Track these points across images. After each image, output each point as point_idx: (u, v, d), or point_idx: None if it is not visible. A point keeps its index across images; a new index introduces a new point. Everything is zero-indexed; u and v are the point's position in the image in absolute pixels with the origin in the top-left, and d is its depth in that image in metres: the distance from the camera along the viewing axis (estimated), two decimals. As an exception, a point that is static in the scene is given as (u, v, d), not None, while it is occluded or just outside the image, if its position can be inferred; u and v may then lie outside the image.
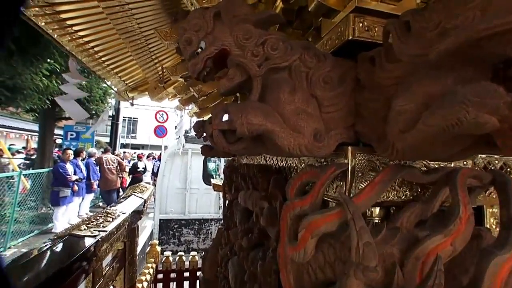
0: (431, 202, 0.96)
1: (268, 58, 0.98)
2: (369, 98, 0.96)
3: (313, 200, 1.00)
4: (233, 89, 1.02)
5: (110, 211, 2.27)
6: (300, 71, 0.99)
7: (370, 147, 0.98)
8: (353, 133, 1.03)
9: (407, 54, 0.76)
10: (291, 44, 0.99)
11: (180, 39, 0.99)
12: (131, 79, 3.94)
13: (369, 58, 0.99)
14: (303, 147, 0.95)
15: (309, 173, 1.11)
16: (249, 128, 0.89)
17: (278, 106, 0.94)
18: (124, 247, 2.81)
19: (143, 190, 3.30)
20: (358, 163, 0.99)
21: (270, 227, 1.49)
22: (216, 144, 0.99)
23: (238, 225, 2.28)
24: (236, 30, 0.97)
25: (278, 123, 0.93)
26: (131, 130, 29.16)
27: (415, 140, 0.76)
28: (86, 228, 1.76)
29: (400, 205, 1.01)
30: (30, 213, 9.68)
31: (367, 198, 0.87)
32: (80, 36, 2.51)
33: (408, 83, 0.77)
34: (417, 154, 0.80)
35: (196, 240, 9.43)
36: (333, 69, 1.01)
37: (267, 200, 1.61)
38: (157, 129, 14.93)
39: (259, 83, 0.97)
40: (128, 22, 2.41)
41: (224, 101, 2.77)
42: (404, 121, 0.77)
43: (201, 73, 1.01)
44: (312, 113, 0.97)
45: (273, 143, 0.97)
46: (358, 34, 1.02)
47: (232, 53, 0.98)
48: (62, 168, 9.40)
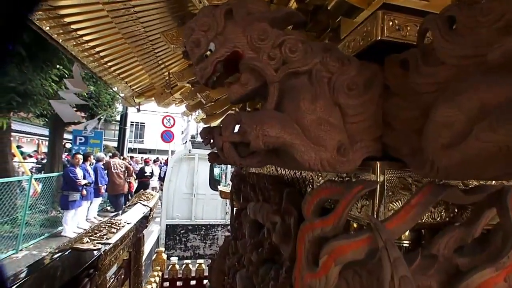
0: (473, 226, 0.83)
1: (286, 61, 0.87)
2: (401, 107, 0.84)
3: (336, 221, 0.88)
4: (246, 96, 0.91)
5: (114, 221, 2.19)
6: (322, 76, 0.88)
7: (401, 162, 0.86)
8: (380, 146, 0.91)
9: (455, 55, 0.64)
10: (311, 46, 0.88)
11: (187, 40, 0.89)
12: (137, 85, 3.88)
13: (399, 61, 0.87)
14: (325, 162, 0.83)
15: (329, 189, 0.99)
16: (265, 141, 0.78)
17: (297, 115, 0.83)
18: (129, 257, 2.72)
19: (149, 198, 3.21)
20: (387, 180, 0.87)
21: (284, 244, 1.37)
22: (226, 158, 0.88)
23: (247, 237, 2.16)
24: (250, 30, 0.86)
25: (298, 135, 0.82)
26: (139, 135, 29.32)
27: (463, 157, 0.64)
28: (89, 241, 1.67)
29: (434, 227, 0.89)
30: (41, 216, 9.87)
31: (401, 223, 0.75)
32: (85, 40, 2.44)
33: (454, 89, 0.65)
34: (464, 174, 0.67)
35: (202, 245, 9.33)
36: (358, 73, 0.90)
37: (279, 214, 1.50)
38: (164, 134, 14.95)
39: (276, 90, 0.86)
40: (134, 26, 2.34)
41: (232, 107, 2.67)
42: (449, 134, 0.65)
43: (210, 78, 0.90)
44: (335, 124, 0.86)
45: (291, 157, 0.85)
46: (388, 34, 0.90)
47: (245, 56, 0.87)
48: (72, 173, 9.47)
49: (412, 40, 0.91)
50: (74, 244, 1.57)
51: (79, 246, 1.56)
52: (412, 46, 0.89)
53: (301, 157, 0.82)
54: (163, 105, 4.02)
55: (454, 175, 0.68)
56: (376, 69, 0.94)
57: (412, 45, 0.90)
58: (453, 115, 0.64)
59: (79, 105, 12.30)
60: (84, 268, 1.42)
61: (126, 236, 2.17)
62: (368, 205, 0.90)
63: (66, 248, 1.53)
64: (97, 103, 12.73)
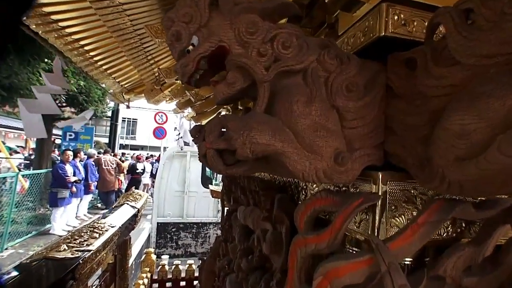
0: (483, 244, 0.75)
1: (278, 58, 0.77)
2: (406, 111, 0.76)
3: (332, 237, 0.79)
4: (233, 97, 0.81)
5: (97, 225, 2.07)
6: (318, 75, 0.78)
7: (405, 172, 0.78)
8: (382, 154, 0.82)
9: (474, 54, 0.55)
10: (307, 42, 0.79)
11: (167, 33, 0.78)
12: (126, 81, 3.73)
13: (405, 60, 0.78)
14: (320, 172, 0.74)
15: (324, 200, 0.91)
16: (253, 149, 0.69)
17: (290, 120, 0.73)
18: (114, 261, 2.61)
19: (137, 199, 3.09)
20: (390, 193, 0.78)
21: (275, 255, 1.28)
22: (210, 167, 0.78)
23: (237, 242, 2.07)
24: (237, 22, 0.76)
25: (290, 142, 0.72)
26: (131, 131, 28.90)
27: (481, 172, 0.55)
28: (67, 248, 1.55)
29: (440, 244, 0.80)
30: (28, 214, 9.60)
31: (407, 245, 0.66)
32: (68, 33, 2.30)
33: (472, 93, 0.56)
34: (481, 191, 0.59)
35: (194, 244, 9.26)
36: (358, 73, 0.81)
37: (270, 221, 1.41)
38: (156, 131, 14.74)
39: (267, 91, 0.76)
40: (120, 19, 2.20)
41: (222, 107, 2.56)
42: (465, 145, 0.56)
43: (193, 76, 0.80)
44: (332, 129, 0.76)
45: (283, 166, 0.76)
46: (392, 30, 0.80)
47: (232, 52, 0.77)
48: (62, 169, 9.26)
49: (418, 36, 0.82)
50: (49, 252, 1.45)
51: (54, 255, 1.44)
52: (419, 44, 0.80)
53: (294, 166, 0.73)
54: (154, 102, 3.88)
55: (469, 192, 0.60)
56: (378, 69, 0.84)
57: (418, 43, 0.81)
58: (472, 122, 0.55)
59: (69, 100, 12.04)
60: (59, 279, 1.31)
61: (110, 241, 2.05)
62: (367, 220, 0.81)
63: (39, 257, 1.41)
64: (87, 98, 12.43)
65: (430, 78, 0.67)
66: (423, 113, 0.70)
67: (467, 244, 0.76)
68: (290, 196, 1.41)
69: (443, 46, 0.66)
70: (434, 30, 0.71)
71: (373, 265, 0.67)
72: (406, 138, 0.75)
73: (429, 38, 0.73)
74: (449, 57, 0.63)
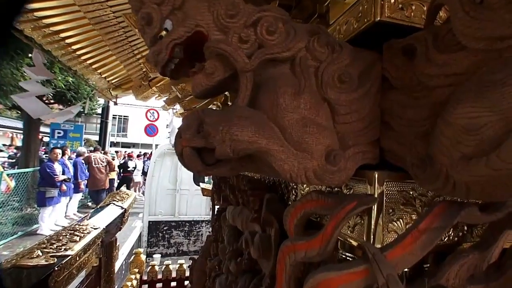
0: (488, 250, 0.69)
1: (262, 45, 0.68)
2: (404, 104, 0.68)
3: (324, 244, 0.71)
4: (213, 89, 0.73)
5: (79, 227, 1.96)
6: (307, 65, 0.70)
7: (402, 171, 0.70)
8: (378, 151, 0.75)
9: (484, 36, 0.48)
10: (294, 27, 0.70)
11: (137, 16, 0.70)
12: (113, 76, 3.61)
13: (402, 47, 0.71)
14: (310, 172, 0.66)
15: (315, 202, 0.83)
16: (233, 146, 0.61)
17: (276, 114, 0.65)
18: (99, 264, 2.51)
19: (124, 198, 2.98)
20: (387, 195, 0.71)
21: (264, 260, 1.21)
22: (187, 167, 0.70)
23: (226, 243, 2.00)
24: (216, 3, 0.67)
25: (276, 139, 0.64)
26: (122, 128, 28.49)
27: (492, 173, 0.48)
28: (41, 254, 1.45)
29: (442, 250, 0.74)
30: (14, 214, 9.33)
31: (407, 254, 0.59)
32: (46, 24, 2.18)
33: (481, 81, 0.49)
34: (491, 194, 0.52)
35: (186, 242, 9.15)
36: (352, 63, 0.73)
37: (259, 223, 1.33)
38: (147, 128, 14.54)
39: (249, 82, 0.68)
40: (101, 10, 2.09)
41: (213, 101, 2.47)
42: (473, 141, 0.49)
43: (167, 66, 0.71)
44: (323, 124, 0.69)
45: (269, 166, 0.68)
46: (388, 14, 0.73)
47: (210, 38, 0.69)
48: (50, 168, 9.03)
49: (417, 22, 0.75)
50: (19, 260, 1.34)
51: (26, 263, 1.33)
52: (417, 30, 0.73)
53: (281, 166, 0.65)
54: (142, 98, 3.76)
55: (477, 195, 0.53)
56: (373, 58, 0.77)
57: (417, 29, 0.74)
58: (482, 115, 0.48)
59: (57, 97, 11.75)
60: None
61: (92, 243, 1.95)
62: (362, 224, 0.73)
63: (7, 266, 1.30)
64: (76, 95, 12.14)
65: (431, 67, 0.59)
66: (423, 106, 0.63)
67: (470, 250, 0.69)
68: (279, 196, 1.33)
69: (446, 31, 0.59)
70: (435, 13, 0.63)
71: (369, 277, 0.60)
72: (404, 134, 0.67)
73: (430, 23, 0.66)
74: (453, 42, 0.56)
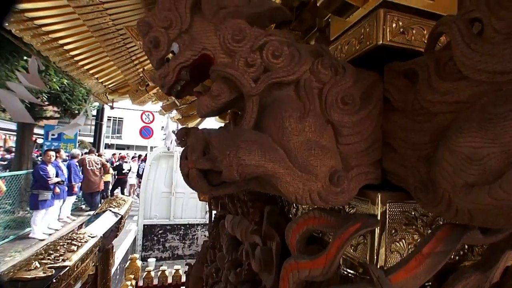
0: (490, 270, 0.70)
1: (268, 69, 0.70)
2: (406, 127, 0.70)
3: (328, 264, 0.72)
4: (218, 110, 0.74)
5: (76, 236, 1.95)
6: (312, 87, 0.71)
7: (404, 192, 0.72)
8: (380, 171, 0.76)
9: (485, 69, 0.49)
10: (299, 50, 0.72)
11: (144, 40, 0.70)
12: (110, 81, 3.60)
13: (403, 71, 0.72)
14: (315, 194, 0.68)
15: (318, 219, 0.84)
16: (240, 171, 0.61)
17: (281, 138, 0.66)
18: (95, 272, 2.48)
19: (121, 204, 2.96)
20: (389, 216, 0.72)
21: (265, 273, 1.21)
22: (193, 188, 0.70)
23: (225, 252, 2.00)
24: (223, 28, 0.68)
25: (282, 162, 0.65)
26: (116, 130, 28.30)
27: (495, 202, 0.49)
28: (39, 266, 1.43)
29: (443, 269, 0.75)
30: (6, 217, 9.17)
31: (411, 277, 0.60)
32: (45, 32, 2.17)
33: (484, 113, 0.51)
34: (493, 221, 0.53)
35: (181, 246, 9.08)
36: (354, 84, 0.74)
37: (259, 235, 1.34)
38: (142, 130, 14.46)
39: (255, 105, 0.69)
40: (101, 18, 2.09)
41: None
42: (478, 170, 0.51)
43: (173, 87, 0.72)
44: (327, 146, 0.70)
45: (273, 186, 0.69)
46: (390, 38, 0.74)
47: (217, 61, 0.70)
48: (43, 170, 8.90)
49: (418, 46, 0.76)
50: (17, 272, 1.32)
51: (23, 275, 1.31)
52: (417, 53, 0.74)
53: (286, 189, 0.66)
54: (138, 103, 3.76)
55: (480, 221, 0.54)
56: (375, 79, 0.79)
57: (417, 52, 0.75)
58: (484, 146, 0.49)
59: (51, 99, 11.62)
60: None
61: (90, 252, 1.94)
62: (365, 243, 0.75)
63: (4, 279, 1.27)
64: (71, 97, 12.04)
65: (433, 94, 0.61)
66: (425, 130, 0.65)
67: (473, 271, 0.71)
68: (280, 208, 1.34)
69: (447, 58, 0.60)
70: (436, 40, 0.65)
71: (373, 300, 0.61)
72: (407, 157, 0.69)
73: (430, 48, 0.68)
74: (455, 70, 0.58)
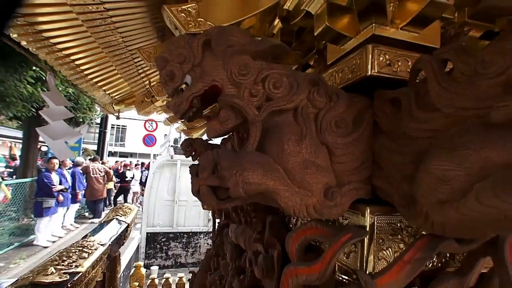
0: (467, 275, 0.79)
1: (269, 98, 0.80)
2: (391, 149, 0.79)
3: (323, 270, 0.81)
4: (226, 133, 0.84)
5: (86, 243, 2.04)
6: (308, 112, 0.81)
7: (390, 206, 0.81)
8: (370, 187, 0.85)
9: (452, 105, 0.59)
10: (297, 80, 0.82)
11: (160, 72, 0.80)
12: (116, 92, 3.72)
13: (390, 99, 0.82)
14: (311, 208, 0.77)
15: (315, 229, 0.93)
16: (245, 188, 0.71)
17: (281, 158, 0.76)
18: (103, 279, 2.56)
19: (127, 213, 3.05)
20: (377, 227, 0.81)
21: (267, 280, 1.29)
22: (203, 202, 0.80)
23: (228, 260, 2.07)
24: (230, 63, 0.79)
25: (281, 180, 0.75)
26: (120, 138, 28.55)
27: (461, 216, 0.58)
28: (55, 271, 1.52)
29: (429, 275, 0.83)
30: (11, 225, 9.22)
31: (394, 281, 0.69)
32: (59, 49, 2.30)
33: (453, 140, 0.60)
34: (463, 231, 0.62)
35: (184, 254, 9.09)
36: (347, 109, 0.84)
37: (262, 243, 1.42)
38: (146, 138, 14.59)
39: (259, 130, 0.79)
40: (112, 36, 2.21)
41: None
42: (447, 190, 0.60)
43: (186, 114, 0.82)
44: (322, 165, 0.79)
45: (275, 202, 0.78)
46: (378, 70, 0.84)
47: (225, 91, 0.80)
48: (47, 178, 9.01)
49: (403, 76, 0.86)
50: (35, 277, 1.42)
51: (41, 280, 1.41)
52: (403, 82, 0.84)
53: (285, 203, 0.75)
54: (144, 113, 3.87)
55: (450, 232, 0.63)
56: (366, 104, 0.88)
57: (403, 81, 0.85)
58: (452, 169, 0.58)
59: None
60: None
61: (99, 259, 2.03)
62: (356, 252, 0.83)
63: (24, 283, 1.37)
64: (76, 105, 12.24)
65: (413, 121, 0.70)
66: (408, 152, 0.74)
67: (451, 275, 0.79)
68: (281, 218, 1.43)
69: (425, 91, 0.70)
70: (417, 74, 0.75)
71: (362, 302, 0.70)
72: (392, 175, 0.78)
73: (412, 80, 0.77)
74: (430, 102, 0.67)
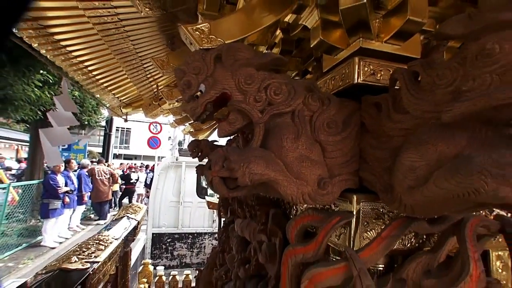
0: (437, 252, 0.93)
1: (271, 103, 0.95)
2: (374, 145, 0.93)
3: (317, 248, 0.96)
4: (234, 132, 0.99)
5: (102, 237, 2.19)
6: (304, 115, 0.96)
7: (375, 194, 0.95)
8: (357, 179, 1.00)
9: (418, 109, 0.73)
10: (294, 87, 0.97)
11: (179, 82, 0.96)
12: (125, 96, 3.89)
13: (374, 103, 0.97)
14: (306, 195, 0.91)
15: (311, 216, 1.08)
16: (251, 178, 0.85)
17: (281, 153, 0.91)
18: (116, 272, 2.72)
19: (136, 211, 3.21)
20: (363, 212, 0.95)
21: (270, 264, 1.44)
22: (216, 191, 0.95)
23: (234, 253, 2.21)
24: (237, 74, 0.94)
25: (281, 172, 0.89)
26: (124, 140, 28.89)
27: (425, 198, 0.73)
28: (77, 260, 1.68)
29: (405, 253, 0.98)
30: (19, 226, 9.38)
31: (373, 253, 0.83)
32: (74, 56, 2.46)
33: (418, 137, 0.74)
34: (427, 211, 0.76)
35: (189, 254, 9.22)
36: (337, 112, 0.99)
37: (265, 233, 1.57)
38: (150, 140, 14.76)
39: (262, 130, 0.94)
40: (124, 44, 2.38)
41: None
42: (414, 177, 0.74)
43: (201, 116, 0.97)
44: (315, 160, 0.94)
45: (275, 190, 0.93)
46: (363, 78, 0.99)
47: (233, 98, 0.95)
48: (53, 180, 9.18)
49: (385, 83, 1.01)
50: (62, 264, 1.58)
51: (67, 266, 1.57)
52: (386, 88, 0.99)
53: (284, 191, 0.90)
54: (151, 116, 4.03)
55: (419, 212, 0.77)
56: (354, 107, 1.03)
57: (385, 87, 1.00)
58: (417, 160, 0.73)
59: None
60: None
61: (114, 252, 2.18)
62: (345, 233, 0.98)
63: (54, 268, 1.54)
64: (81, 108, 12.47)
65: (390, 122, 0.85)
66: (387, 148, 0.88)
67: (425, 253, 0.93)
68: (283, 210, 1.57)
69: (400, 97, 0.84)
70: (394, 82, 0.89)
71: (348, 271, 0.84)
72: (375, 168, 0.92)
73: (391, 87, 0.92)
74: (403, 106, 0.82)
